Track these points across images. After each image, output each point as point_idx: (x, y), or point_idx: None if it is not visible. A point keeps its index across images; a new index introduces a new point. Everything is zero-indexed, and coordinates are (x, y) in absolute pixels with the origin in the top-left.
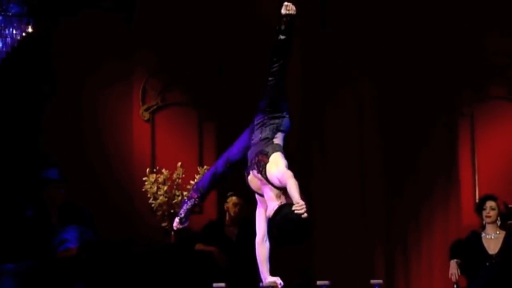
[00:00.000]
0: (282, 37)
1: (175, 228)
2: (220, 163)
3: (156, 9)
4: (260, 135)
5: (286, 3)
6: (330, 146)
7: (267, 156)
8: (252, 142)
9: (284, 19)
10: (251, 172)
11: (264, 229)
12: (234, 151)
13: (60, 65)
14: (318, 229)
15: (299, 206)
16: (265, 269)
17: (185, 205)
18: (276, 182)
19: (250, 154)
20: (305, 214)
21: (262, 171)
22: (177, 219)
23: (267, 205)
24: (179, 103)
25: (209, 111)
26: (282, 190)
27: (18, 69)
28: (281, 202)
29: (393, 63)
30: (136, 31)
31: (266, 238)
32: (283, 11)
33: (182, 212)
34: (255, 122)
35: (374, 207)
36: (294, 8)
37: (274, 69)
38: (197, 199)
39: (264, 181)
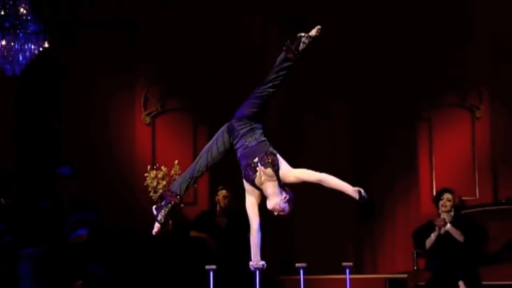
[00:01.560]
0: (298, 55)
1: (154, 234)
2: (198, 167)
3: (155, 28)
4: (256, 139)
5: (319, 26)
6: (307, 147)
7: (276, 156)
8: (248, 144)
9: (307, 41)
10: (260, 169)
11: (257, 219)
12: (214, 154)
13: (72, 76)
14: (297, 221)
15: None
16: (258, 253)
17: (162, 210)
18: (291, 179)
19: (251, 154)
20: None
21: (277, 169)
22: (157, 225)
23: (269, 198)
24: (176, 109)
25: (202, 115)
26: (285, 186)
27: (35, 79)
28: (284, 197)
29: (363, 77)
30: (138, 47)
31: (259, 227)
32: (313, 33)
33: (161, 218)
34: (239, 127)
35: (345, 199)
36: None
37: (277, 82)
38: (176, 202)
39: (274, 177)
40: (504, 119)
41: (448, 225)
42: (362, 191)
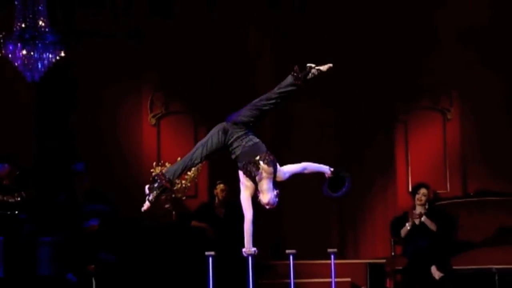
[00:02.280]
0: (304, 83)
1: (143, 211)
2: (193, 159)
3: (160, 39)
4: (252, 139)
5: (331, 65)
6: (297, 147)
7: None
8: (245, 145)
9: (316, 73)
10: (262, 166)
11: (251, 211)
12: (209, 150)
13: (86, 82)
14: (287, 211)
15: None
16: (250, 241)
17: (154, 192)
18: (286, 176)
19: (251, 153)
20: None
21: (275, 167)
22: (147, 203)
23: (264, 193)
24: (179, 112)
25: (202, 117)
26: (277, 183)
27: (53, 85)
28: (276, 192)
29: (348, 85)
30: (144, 56)
31: (252, 218)
32: (324, 68)
33: (152, 198)
34: (235, 130)
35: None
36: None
37: (278, 101)
38: (167, 186)
39: (272, 174)
40: (472, 121)
41: (423, 217)
42: (333, 169)
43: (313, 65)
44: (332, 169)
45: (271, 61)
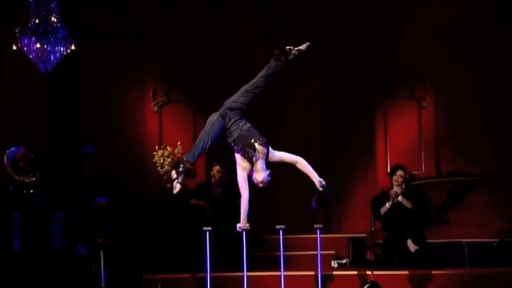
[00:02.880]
0: (287, 63)
1: (175, 192)
2: (206, 143)
3: (161, 34)
4: (246, 124)
5: (308, 43)
6: (287, 128)
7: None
8: (243, 128)
9: (297, 53)
10: (258, 148)
11: (248, 190)
12: (217, 134)
13: (94, 74)
14: (277, 190)
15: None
16: (245, 217)
17: (181, 175)
18: (274, 159)
19: (247, 136)
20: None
21: (268, 148)
22: (178, 186)
23: (258, 172)
24: (179, 100)
25: (200, 106)
26: (268, 164)
27: (65, 76)
28: (269, 172)
29: (333, 77)
30: (147, 49)
31: (248, 196)
32: (303, 47)
33: (181, 180)
34: (232, 115)
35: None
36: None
37: (266, 83)
38: (191, 168)
39: (265, 155)
40: (445, 108)
41: (400, 197)
42: (324, 182)
43: (291, 47)
44: (323, 183)
45: (264, 54)
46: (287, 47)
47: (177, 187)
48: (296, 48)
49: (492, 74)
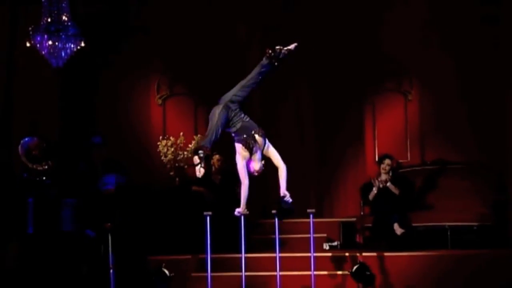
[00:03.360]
0: (278, 62)
1: (200, 176)
2: (218, 131)
3: (165, 33)
4: (246, 116)
5: (296, 44)
6: (282, 122)
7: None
8: (244, 119)
9: (287, 52)
10: (261, 140)
11: (247, 177)
12: (224, 124)
13: (102, 69)
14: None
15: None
16: (245, 203)
17: (203, 161)
18: (267, 152)
19: (248, 128)
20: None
21: (265, 140)
22: (202, 170)
23: (256, 161)
24: (181, 94)
25: (201, 99)
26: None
27: (76, 72)
28: (264, 162)
29: (325, 73)
30: (152, 47)
31: (247, 182)
32: (292, 47)
33: (204, 165)
34: (233, 107)
35: (310, 164)
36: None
37: (258, 80)
38: (209, 153)
39: (262, 146)
40: (429, 101)
41: (388, 183)
42: (287, 195)
43: (281, 47)
44: (285, 194)
45: (260, 51)
46: (277, 47)
47: (201, 171)
48: (285, 48)
49: (475, 69)
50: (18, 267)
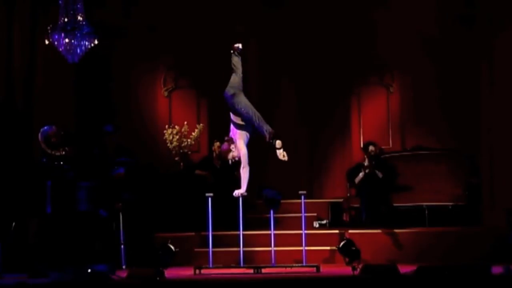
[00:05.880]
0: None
1: (287, 159)
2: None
3: (172, 30)
4: None
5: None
6: (280, 109)
7: None
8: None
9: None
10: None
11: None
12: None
13: (115, 63)
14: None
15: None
16: (245, 184)
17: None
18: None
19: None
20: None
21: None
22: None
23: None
24: (186, 86)
25: (203, 92)
26: None
27: (91, 67)
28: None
29: (313, 65)
30: (159, 43)
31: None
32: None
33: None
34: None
35: (301, 150)
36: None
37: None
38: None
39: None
40: (409, 93)
41: (373, 170)
42: (240, 194)
43: (240, 44)
44: (239, 194)
45: (257, 49)
46: (237, 44)
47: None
48: (240, 45)
49: (450, 64)
50: (38, 243)
